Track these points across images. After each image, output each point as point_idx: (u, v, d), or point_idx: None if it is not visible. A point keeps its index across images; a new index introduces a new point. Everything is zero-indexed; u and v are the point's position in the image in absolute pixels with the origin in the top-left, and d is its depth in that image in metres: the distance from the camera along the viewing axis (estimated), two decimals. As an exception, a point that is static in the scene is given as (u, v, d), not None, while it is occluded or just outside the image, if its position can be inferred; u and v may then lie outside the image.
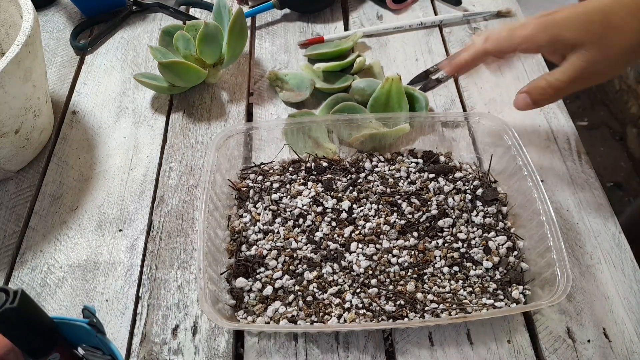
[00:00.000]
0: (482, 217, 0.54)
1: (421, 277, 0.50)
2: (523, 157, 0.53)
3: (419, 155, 0.59)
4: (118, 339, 0.49)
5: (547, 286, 0.47)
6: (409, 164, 0.58)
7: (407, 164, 0.58)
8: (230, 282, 0.50)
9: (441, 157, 0.59)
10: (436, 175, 0.57)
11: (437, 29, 0.75)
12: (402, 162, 0.58)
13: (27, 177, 0.61)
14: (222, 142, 0.57)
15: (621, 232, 0.54)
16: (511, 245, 0.52)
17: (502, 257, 0.51)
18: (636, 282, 0.50)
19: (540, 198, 0.50)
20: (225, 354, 0.48)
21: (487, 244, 0.52)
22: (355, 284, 0.49)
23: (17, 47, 0.51)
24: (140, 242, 0.55)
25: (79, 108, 0.68)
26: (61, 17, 0.80)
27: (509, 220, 0.54)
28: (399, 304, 0.48)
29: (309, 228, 0.53)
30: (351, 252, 0.51)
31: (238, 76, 0.71)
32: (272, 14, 0.79)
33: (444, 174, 0.57)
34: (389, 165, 0.58)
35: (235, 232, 0.54)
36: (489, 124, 0.57)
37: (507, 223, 0.54)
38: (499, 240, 0.52)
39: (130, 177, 0.61)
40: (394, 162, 0.59)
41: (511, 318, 0.49)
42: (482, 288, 0.49)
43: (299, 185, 0.56)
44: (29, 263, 0.54)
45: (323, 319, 0.47)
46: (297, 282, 0.50)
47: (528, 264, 0.51)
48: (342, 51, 0.70)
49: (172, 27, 0.70)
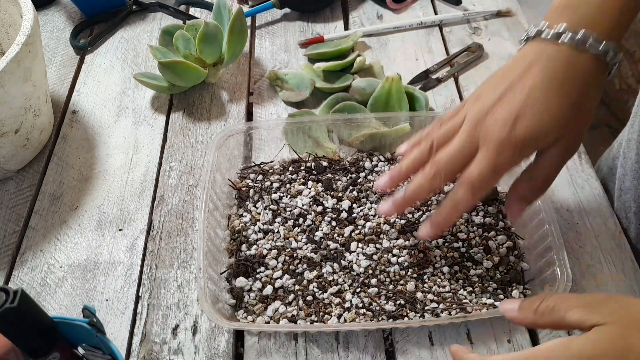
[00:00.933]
0: (482, 217, 0.54)
1: (421, 276, 0.50)
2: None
3: None
4: (118, 339, 0.49)
5: (547, 286, 0.47)
6: None
7: None
8: (230, 282, 0.50)
9: None
10: None
11: (437, 29, 0.75)
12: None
13: (27, 177, 0.61)
14: (222, 141, 0.57)
15: (621, 232, 0.54)
16: (511, 244, 0.52)
17: (502, 256, 0.51)
18: (636, 282, 0.50)
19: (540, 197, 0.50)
20: (225, 354, 0.48)
21: (487, 244, 0.51)
22: (355, 283, 0.49)
23: (17, 46, 0.51)
24: (140, 242, 0.55)
25: (79, 108, 0.68)
26: (61, 16, 0.80)
27: (509, 219, 0.54)
28: (399, 304, 0.48)
29: (309, 228, 0.53)
30: (351, 252, 0.51)
31: (238, 76, 0.71)
32: (272, 13, 0.79)
33: None
34: (389, 164, 0.58)
35: (235, 231, 0.54)
36: None
37: (507, 222, 0.54)
38: (499, 239, 0.52)
39: (130, 176, 0.61)
40: (394, 161, 0.59)
41: (511, 318, 0.49)
42: (482, 288, 0.49)
43: (299, 184, 0.56)
44: (29, 262, 0.54)
45: (323, 318, 0.47)
46: (297, 281, 0.50)
47: (528, 263, 0.51)
48: (342, 51, 0.70)
49: (172, 26, 0.70)
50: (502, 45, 0.72)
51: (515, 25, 0.75)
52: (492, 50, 0.71)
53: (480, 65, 0.70)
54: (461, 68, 0.69)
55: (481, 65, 0.70)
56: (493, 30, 0.74)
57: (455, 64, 0.69)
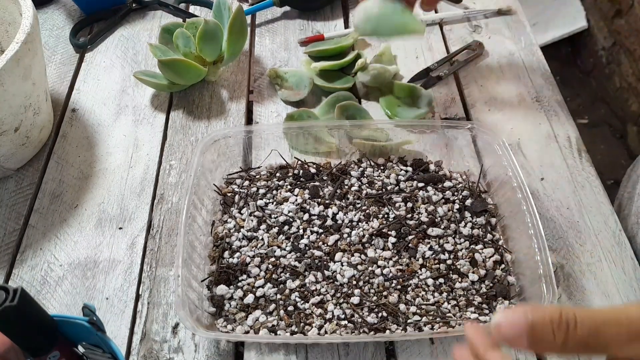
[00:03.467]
0: (471, 228, 0.53)
1: (405, 288, 0.49)
2: (513, 168, 0.52)
3: (409, 163, 0.58)
4: (118, 337, 0.49)
5: (533, 301, 0.46)
6: (399, 172, 0.57)
7: (397, 171, 0.57)
8: (211, 290, 0.50)
9: (431, 165, 0.58)
10: (425, 184, 0.56)
11: (438, 27, 0.75)
12: (392, 169, 0.57)
13: (27, 175, 0.61)
14: (208, 146, 0.56)
15: (622, 230, 0.54)
16: (499, 258, 0.51)
17: (488, 270, 0.50)
18: (636, 280, 0.50)
19: (529, 211, 0.49)
20: (225, 352, 0.48)
21: (474, 256, 0.50)
22: (338, 294, 0.48)
23: (17, 44, 0.51)
24: (140, 240, 0.55)
25: (78, 106, 0.68)
26: (61, 14, 0.80)
27: (498, 231, 0.53)
28: (381, 316, 0.47)
29: (294, 235, 0.52)
30: (335, 262, 0.50)
31: (238, 74, 0.71)
32: (272, 11, 0.78)
33: (433, 183, 0.56)
34: (380, 171, 0.57)
35: (218, 238, 0.53)
36: (481, 135, 0.57)
37: (495, 235, 0.53)
38: (486, 252, 0.51)
39: (130, 175, 0.61)
40: (385, 168, 0.58)
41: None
42: (468, 301, 0.48)
43: (286, 191, 0.56)
44: (29, 261, 0.54)
45: (304, 329, 0.47)
46: (279, 290, 0.49)
47: (516, 276, 0.50)
48: (342, 49, 0.70)
49: (172, 24, 0.70)
50: (503, 44, 0.72)
51: (516, 23, 0.75)
52: (492, 48, 0.71)
53: (481, 64, 0.70)
54: (461, 66, 0.69)
55: (481, 64, 0.70)
56: (493, 28, 0.74)
57: (455, 62, 0.69)
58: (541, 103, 0.65)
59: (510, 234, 0.52)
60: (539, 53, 0.71)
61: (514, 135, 0.62)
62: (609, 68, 1.67)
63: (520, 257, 0.50)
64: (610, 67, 1.66)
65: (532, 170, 0.59)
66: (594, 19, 1.72)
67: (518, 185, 0.51)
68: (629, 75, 1.58)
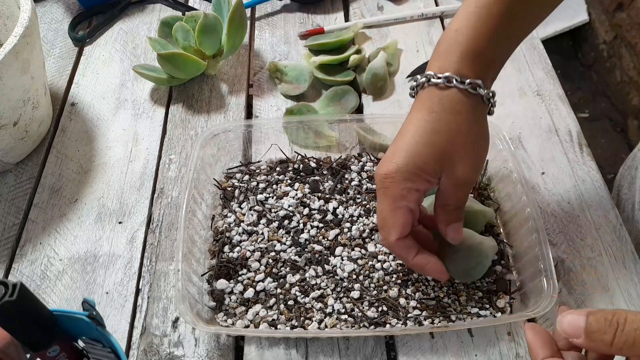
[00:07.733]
0: None
1: (405, 282, 0.49)
2: (514, 162, 0.52)
3: None
4: (118, 332, 0.49)
5: (534, 295, 0.46)
6: None
7: None
8: (211, 284, 0.50)
9: None
10: None
11: (438, 20, 0.75)
12: None
13: (26, 170, 0.61)
14: (207, 140, 0.56)
15: (622, 224, 0.54)
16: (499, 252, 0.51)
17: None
18: (637, 274, 0.50)
19: (529, 205, 0.49)
20: (225, 346, 0.48)
21: None
22: (339, 288, 0.48)
23: (15, 38, 0.51)
24: (140, 235, 0.55)
25: (77, 100, 0.68)
26: (59, 8, 0.80)
27: (499, 226, 0.53)
28: (381, 310, 0.47)
29: (294, 229, 0.52)
30: (336, 256, 0.50)
31: (238, 68, 0.70)
32: (272, 4, 0.78)
33: None
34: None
35: (218, 232, 0.53)
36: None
37: (495, 230, 0.52)
38: None
39: (129, 169, 0.60)
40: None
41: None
42: (468, 296, 0.48)
43: (286, 186, 0.55)
44: (29, 255, 0.54)
45: (304, 323, 0.47)
46: (280, 285, 0.49)
47: (517, 270, 0.50)
48: (342, 42, 0.70)
49: (171, 18, 0.70)
50: (504, 37, 0.71)
51: (517, 16, 0.74)
52: (493, 41, 0.71)
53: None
54: (462, 60, 0.69)
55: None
56: (494, 21, 0.74)
57: (456, 55, 0.69)
58: (542, 97, 0.65)
59: (511, 227, 0.52)
60: (540, 46, 0.70)
61: (514, 129, 0.62)
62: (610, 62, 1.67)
63: (521, 252, 0.50)
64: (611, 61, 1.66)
65: (532, 165, 0.59)
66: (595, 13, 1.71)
67: (519, 179, 0.51)
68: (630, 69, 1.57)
